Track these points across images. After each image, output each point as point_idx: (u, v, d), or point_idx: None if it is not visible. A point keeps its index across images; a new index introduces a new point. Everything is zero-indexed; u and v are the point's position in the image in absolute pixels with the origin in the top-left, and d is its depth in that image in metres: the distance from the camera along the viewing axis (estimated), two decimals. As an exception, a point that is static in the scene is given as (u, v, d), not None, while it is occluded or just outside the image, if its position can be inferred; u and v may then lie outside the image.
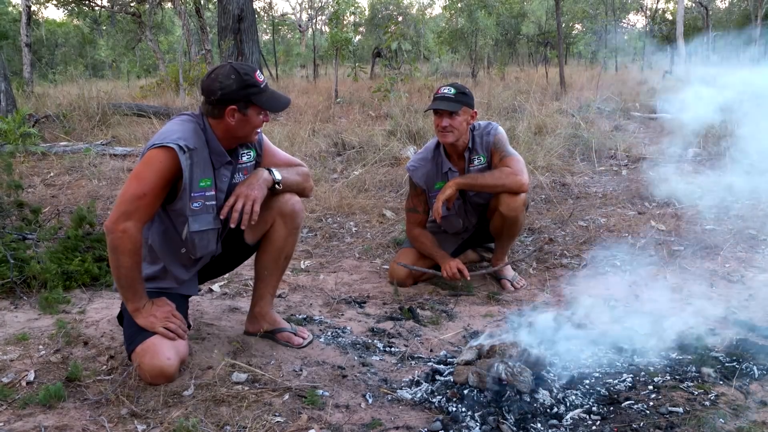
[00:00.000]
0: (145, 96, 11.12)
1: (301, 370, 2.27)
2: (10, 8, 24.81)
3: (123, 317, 2.27)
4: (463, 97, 3.02)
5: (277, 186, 2.30)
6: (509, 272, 3.32)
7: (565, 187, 5.18)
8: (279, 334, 2.48)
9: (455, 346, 2.59)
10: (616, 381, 2.18)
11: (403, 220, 3.99)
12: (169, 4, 18.38)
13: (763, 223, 4.01)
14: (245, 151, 2.34)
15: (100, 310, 2.77)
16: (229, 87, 2.11)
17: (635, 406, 1.99)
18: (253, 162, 2.37)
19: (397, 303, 3.06)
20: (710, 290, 3.11)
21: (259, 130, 2.27)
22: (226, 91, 2.11)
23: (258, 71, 2.18)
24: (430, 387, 2.16)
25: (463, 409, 1.99)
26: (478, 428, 1.89)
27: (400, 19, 23.16)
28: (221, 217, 2.22)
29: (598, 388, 2.12)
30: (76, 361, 2.24)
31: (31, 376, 2.15)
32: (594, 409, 1.99)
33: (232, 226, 2.19)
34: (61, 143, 6.64)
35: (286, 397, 2.07)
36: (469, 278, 3.14)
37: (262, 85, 2.16)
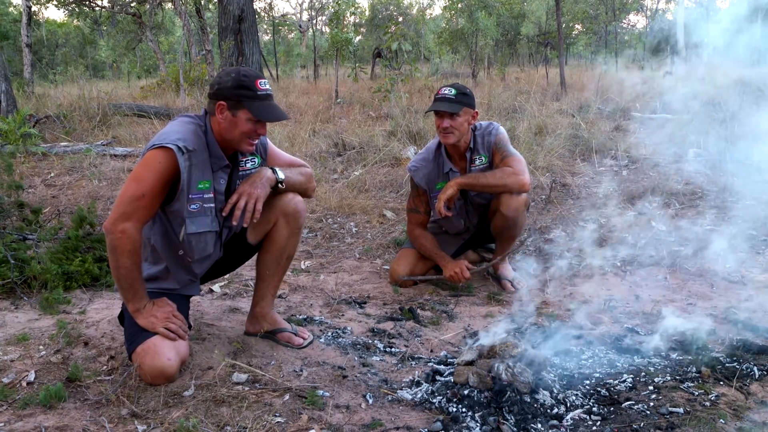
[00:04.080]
0: (145, 96, 11.13)
1: (301, 371, 2.27)
2: (11, 9, 24.84)
3: (124, 317, 2.27)
4: (464, 98, 3.02)
5: (279, 185, 2.31)
6: (509, 272, 3.32)
7: (566, 188, 5.18)
8: (279, 334, 2.48)
9: (455, 346, 2.59)
10: (616, 381, 2.18)
11: (404, 220, 3.99)
12: (170, 5, 18.39)
13: (763, 224, 4.01)
14: (250, 158, 2.34)
15: (101, 311, 2.78)
16: (225, 83, 2.14)
17: (636, 407, 1.99)
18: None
19: (398, 303, 3.06)
20: (710, 290, 3.11)
21: (254, 142, 2.20)
22: (222, 86, 2.14)
23: (262, 80, 2.16)
24: (430, 387, 2.16)
25: (464, 410, 1.99)
26: (478, 428, 1.89)
27: (400, 19, 23.21)
28: (224, 214, 2.22)
29: (599, 389, 2.12)
30: (77, 361, 2.25)
31: (32, 377, 2.15)
32: (594, 409, 1.99)
33: (234, 223, 2.19)
34: (62, 144, 6.64)
35: (287, 397, 2.07)
36: (470, 278, 3.14)
37: (258, 92, 2.13)
